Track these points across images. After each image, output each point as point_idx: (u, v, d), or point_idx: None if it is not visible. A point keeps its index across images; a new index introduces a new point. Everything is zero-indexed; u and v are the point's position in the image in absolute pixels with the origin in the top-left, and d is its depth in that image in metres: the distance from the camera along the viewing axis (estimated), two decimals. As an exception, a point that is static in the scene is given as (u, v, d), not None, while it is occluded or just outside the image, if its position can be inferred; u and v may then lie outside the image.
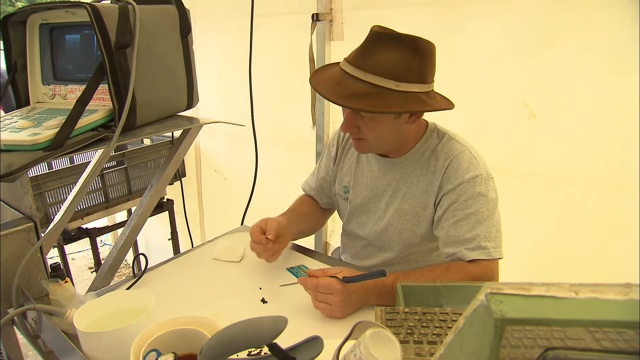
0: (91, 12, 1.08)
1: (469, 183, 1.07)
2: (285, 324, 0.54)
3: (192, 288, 1.18)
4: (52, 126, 1.07)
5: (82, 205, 2.20)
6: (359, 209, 1.30)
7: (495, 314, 0.35)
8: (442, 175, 1.11)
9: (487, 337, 0.36)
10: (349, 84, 1.00)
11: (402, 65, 0.99)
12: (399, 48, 0.99)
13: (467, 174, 1.08)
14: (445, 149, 1.13)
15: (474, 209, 1.06)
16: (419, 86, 1.01)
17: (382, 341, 0.53)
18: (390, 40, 0.99)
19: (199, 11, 2.45)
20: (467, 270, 1.03)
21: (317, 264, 1.28)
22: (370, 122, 1.06)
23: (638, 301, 0.36)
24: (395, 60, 0.98)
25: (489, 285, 0.37)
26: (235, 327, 0.55)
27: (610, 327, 0.37)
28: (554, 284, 0.38)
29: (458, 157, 1.11)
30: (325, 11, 1.83)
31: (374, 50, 1.00)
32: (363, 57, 1.01)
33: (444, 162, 1.12)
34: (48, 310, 0.92)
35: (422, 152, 1.17)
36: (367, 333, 0.53)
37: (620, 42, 1.31)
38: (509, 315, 0.35)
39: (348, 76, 1.01)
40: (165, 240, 2.75)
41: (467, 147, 1.13)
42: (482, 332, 0.37)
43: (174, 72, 1.34)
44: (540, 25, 1.43)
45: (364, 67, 0.99)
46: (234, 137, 2.45)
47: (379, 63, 0.98)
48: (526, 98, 1.50)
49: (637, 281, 1.08)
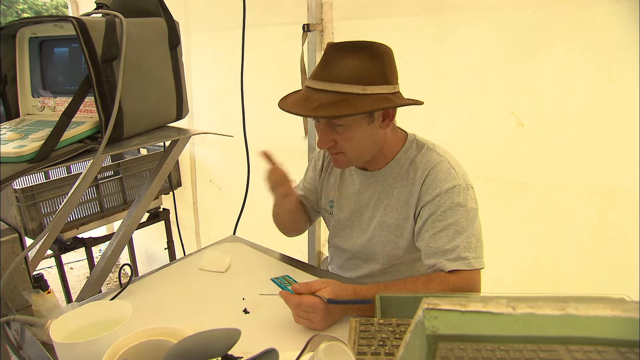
0: (77, 26, 1.10)
1: (447, 194, 1.07)
2: (238, 337, 0.54)
3: (176, 298, 1.18)
4: (38, 138, 1.09)
5: (77, 215, 2.22)
6: (342, 222, 1.30)
7: (427, 330, 0.35)
8: (421, 186, 1.11)
9: (423, 353, 0.37)
10: (316, 97, 1.02)
11: (364, 69, 1.01)
12: (358, 55, 1.01)
13: (445, 184, 1.08)
14: (424, 160, 1.13)
15: (453, 219, 1.06)
16: (384, 87, 1.02)
17: (336, 354, 0.53)
18: (348, 49, 1.02)
19: (194, 23, 2.49)
20: (449, 281, 1.03)
21: (302, 274, 1.28)
22: (345, 131, 1.06)
23: (574, 316, 0.36)
24: (357, 66, 1.00)
25: (426, 300, 0.38)
26: (190, 339, 0.55)
27: (544, 343, 0.36)
28: (493, 299, 0.38)
29: (436, 168, 1.10)
30: (316, 22, 1.85)
31: (333, 61, 1.02)
32: (325, 69, 1.03)
33: (422, 174, 1.11)
34: (27, 321, 0.92)
35: (402, 163, 1.17)
36: (320, 347, 0.53)
37: (606, 50, 1.31)
38: (441, 331, 0.35)
39: (314, 91, 1.03)
40: (162, 249, 2.76)
41: (446, 158, 1.13)
42: (420, 347, 0.38)
43: (163, 83, 1.36)
44: (526, 34, 1.44)
45: (328, 79, 1.01)
46: (228, 147, 2.47)
47: (341, 72, 1.00)
48: (514, 107, 1.51)
49: (630, 287, 1.05)
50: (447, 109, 1.67)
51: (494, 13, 1.50)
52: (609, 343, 0.36)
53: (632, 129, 1.27)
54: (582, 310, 0.36)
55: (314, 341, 0.60)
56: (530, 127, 1.49)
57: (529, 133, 1.49)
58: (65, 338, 0.85)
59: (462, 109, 1.63)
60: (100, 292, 1.43)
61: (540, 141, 1.48)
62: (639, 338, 0.35)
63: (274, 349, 0.59)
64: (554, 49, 1.40)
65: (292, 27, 1.90)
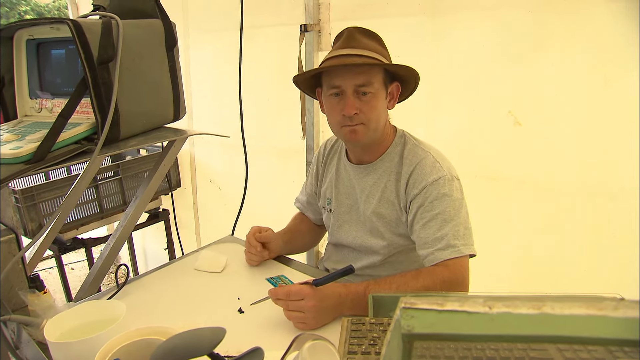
0: (73, 28, 1.10)
1: (432, 185, 1.13)
2: (223, 335, 0.55)
3: (172, 298, 1.19)
4: (35, 139, 1.09)
5: (77, 215, 2.23)
6: (341, 217, 1.34)
7: (402, 329, 0.36)
8: (407, 181, 1.17)
9: (400, 352, 0.37)
10: (351, 59, 1.12)
11: (381, 51, 1.17)
12: (374, 39, 1.19)
13: (430, 177, 1.14)
14: (410, 156, 1.20)
15: (440, 209, 1.11)
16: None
17: (321, 353, 0.53)
18: (365, 33, 1.18)
19: (193, 24, 2.50)
20: (437, 274, 1.06)
21: (297, 274, 1.29)
22: (372, 99, 1.14)
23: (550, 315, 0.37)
24: (377, 47, 1.17)
25: (403, 299, 0.38)
26: (177, 337, 0.56)
27: (520, 342, 0.37)
28: (471, 298, 0.39)
29: (421, 163, 1.17)
30: (313, 22, 1.85)
31: (358, 37, 1.16)
32: (352, 42, 1.16)
33: (408, 169, 1.18)
34: (23, 320, 0.93)
35: (392, 157, 1.23)
36: (305, 346, 0.53)
37: (604, 49, 1.31)
38: (416, 330, 0.35)
39: (347, 57, 1.13)
40: (162, 249, 2.77)
41: (430, 152, 1.19)
42: (397, 347, 0.38)
43: (159, 84, 1.36)
44: (524, 33, 1.44)
45: (360, 47, 1.14)
46: (228, 148, 2.48)
47: (367, 46, 1.15)
48: (511, 106, 1.51)
49: (629, 285, 1.04)
50: (444, 109, 1.68)
51: (491, 13, 1.50)
52: (585, 342, 0.36)
53: (630, 128, 1.27)
54: (558, 310, 0.36)
55: (299, 340, 0.60)
56: (527, 127, 1.49)
57: (526, 132, 1.49)
58: (60, 338, 0.86)
59: (459, 108, 1.63)
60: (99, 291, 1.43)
61: (537, 140, 1.48)
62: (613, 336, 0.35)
63: (259, 347, 0.59)
64: (551, 49, 1.40)
65: (290, 27, 1.90)
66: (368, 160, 1.26)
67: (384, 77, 1.16)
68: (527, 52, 1.44)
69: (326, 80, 1.18)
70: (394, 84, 1.21)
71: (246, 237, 1.35)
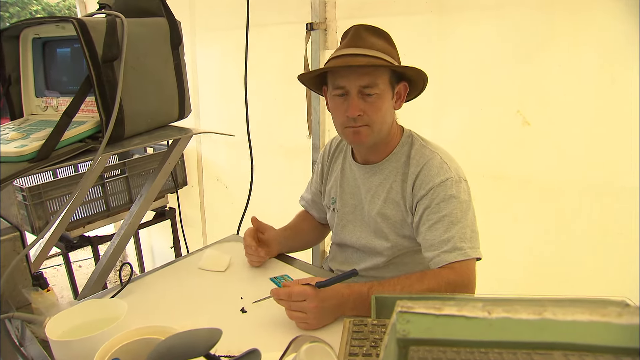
0: (77, 26, 1.10)
1: (439, 187, 1.10)
2: (219, 336, 0.55)
3: (175, 297, 1.19)
4: (39, 138, 1.10)
5: (83, 213, 2.24)
6: (345, 217, 1.32)
7: (398, 333, 0.35)
8: (414, 182, 1.15)
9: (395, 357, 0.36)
10: (357, 60, 1.10)
11: (390, 50, 1.14)
12: (381, 37, 1.15)
13: (437, 178, 1.11)
14: (417, 156, 1.17)
15: (446, 211, 1.09)
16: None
17: (319, 356, 0.53)
18: (372, 31, 1.15)
19: (199, 22, 2.51)
20: (442, 276, 1.04)
21: (301, 274, 1.28)
22: (377, 100, 1.12)
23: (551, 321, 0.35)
24: (384, 45, 1.14)
25: (400, 303, 0.37)
26: (175, 338, 0.56)
27: (519, 348, 0.36)
28: (470, 302, 0.37)
29: (428, 164, 1.14)
30: (319, 20, 1.84)
31: (365, 36, 1.14)
32: (358, 41, 1.13)
33: (415, 170, 1.16)
34: (26, 318, 0.94)
35: (399, 157, 1.21)
36: (302, 348, 0.53)
37: (610, 49, 1.29)
38: (411, 335, 0.34)
39: (352, 57, 1.11)
40: (169, 248, 2.78)
41: (437, 153, 1.16)
42: (393, 351, 0.37)
43: (164, 83, 1.36)
44: (530, 32, 1.43)
45: (366, 46, 1.11)
46: (234, 146, 2.48)
47: (374, 45, 1.12)
48: (519, 105, 1.49)
49: (636, 286, 1.02)
50: (452, 108, 1.66)
51: (498, 12, 1.48)
52: (588, 349, 0.35)
53: (637, 128, 1.25)
54: (559, 315, 0.35)
55: (297, 342, 0.59)
56: (536, 126, 1.47)
57: (534, 132, 1.47)
58: (61, 336, 0.86)
59: (467, 107, 1.61)
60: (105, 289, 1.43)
61: (545, 140, 1.46)
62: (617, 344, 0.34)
63: (256, 349, 0.58)
64: (558, 48, 1.38)
65: (296, 26, 1.90)
66: (374, 160, 1.24)
67: (390, 78, 1.13)
68: (534, 51, 1.42)
69: (331, 80, 1.17)
70: (402, 84, 1.18)
71: (243, 238, 1.34)
